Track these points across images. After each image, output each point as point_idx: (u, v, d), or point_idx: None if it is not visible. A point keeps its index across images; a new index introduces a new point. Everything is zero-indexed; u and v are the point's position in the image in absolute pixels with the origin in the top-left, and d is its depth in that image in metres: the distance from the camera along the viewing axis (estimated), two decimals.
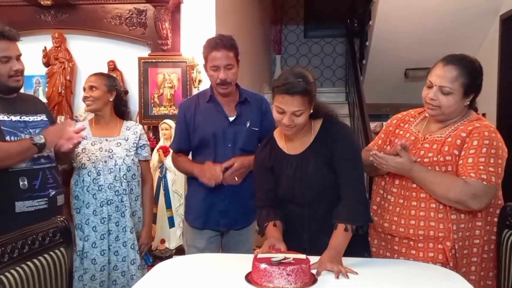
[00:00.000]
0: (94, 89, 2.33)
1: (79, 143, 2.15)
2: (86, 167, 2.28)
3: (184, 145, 2.24)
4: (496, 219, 1.72)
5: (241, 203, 2.19)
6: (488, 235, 1.72)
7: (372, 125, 4.50)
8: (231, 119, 2.17)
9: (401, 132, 1.87)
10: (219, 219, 2.19)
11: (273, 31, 7.26)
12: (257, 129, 2.20)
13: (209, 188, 2.11)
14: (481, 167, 1.60)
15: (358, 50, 6.07)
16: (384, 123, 2.13)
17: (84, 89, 2.35)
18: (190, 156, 2.29)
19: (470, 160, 1.63)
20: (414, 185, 1.72)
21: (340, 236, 1.67)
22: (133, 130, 2.43)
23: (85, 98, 2.35)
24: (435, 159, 1.68)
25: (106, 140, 2.36)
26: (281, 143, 1.85)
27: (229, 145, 2.14)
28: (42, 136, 1.99)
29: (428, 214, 1.69)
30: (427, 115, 1.83)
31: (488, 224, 1.72)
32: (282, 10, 7.35)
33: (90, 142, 2.33)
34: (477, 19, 4.09)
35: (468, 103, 1.72)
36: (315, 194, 1.77)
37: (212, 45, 2.08)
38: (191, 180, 2.27)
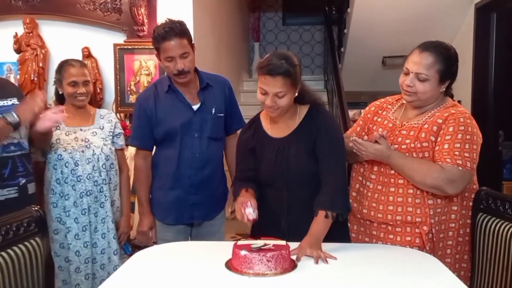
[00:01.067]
0: (87, 83, 2.26)
1: (57, 122, 2.09)
2: (63, 158, 2.22)
3: (148, 142, 2.16)
4: (471, 204, 1.77)
5: (211, 193, 2.17)
6: (463, 219, 1.77)
7: (351, 113, 4.53)
8: (195, 107, 2.10)
9: (379, 119, 1.89)
10: (192, 212, 2.15)
11: (251, 19, 7.21)
12: (222, 114, 2.16)
13: (176, 181, 2.09)
14: (457, 153, 1.64)
15: (336, 38, 6.07)
16: (362, 110, 2.17)
17: (73, 84, 2.22)
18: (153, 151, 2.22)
19: (446, 146, 1.66)
20: (393, 172, 1.75)
21: (320, 222, 1.68)
22: (107, 118, 2.38)
23: (79, 95, 2.24)
24: (412, 145, 1.72)
25: (81, 129, 2.30)
26: (265, 125, 1.85)
27: (196, 135, 2.10)
28: (14, 114, 1.92)
29: (405, 199, 1.72)
30: (404, 102, 1.85)
31: (463, 208, 1.76)
32: None
33: (64, 132, 2.27)
34: (453, 7, 4.13)
35: (444, 89, 1.75)
36: (294, 180, 1.77)
37: (163, 35, 1.97)
38: (155, 172, 2.19)
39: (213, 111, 2.12)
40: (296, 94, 1.73)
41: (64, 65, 2.27)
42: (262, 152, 1.83)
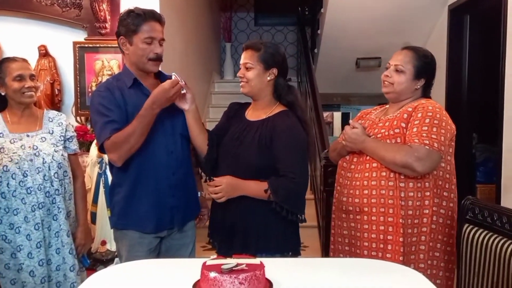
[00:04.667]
0: (34, 77, 2.08)
1: None
2: (9, 170, 2.00)
3: (124, 125, 1.86)
4: (445, 193, 1.81)
5: (188, 195, 2.03)
6: (437, 207, 1.80)
7: (324, 114, 4.47)
8: None
9: (363, 121, 2.02)
10: (172, 216, 1.96)
11: (222, 18, 7.07)
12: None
13: (153, 184, 1.90)
14: (424, 134, 1.74)
15: (309, 38, 6.01)
16: (334, 113, 2.40)
17: (18, 78, 2.03)
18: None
19: (414, 129, 1.77)
20: (368, 158, 1.85)
21: (257, 184, 1.76)
22: (57, 121, 2.17)
23: (27, 89, 2.04)
24: (386, 133, 1.83)
25: (27, 135, 2.08)
26: (249, 107, 1.99)
27: (169, 133, 1.95)
28: None
29: (379, 182, 1.80)
30: (387, 106, 1.98)
31: (436, 196, 1.80)
32: None
33: (8, 140, 2.05)
34: (426, 9, 4.12)
35: (419, 87, 1.87)
36: (238, 167, 1.82)
37: (148, 14, 1.86)
38: (122, 178, 1.96)
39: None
40: (269, 78, 1.86)
41: (4, 62, 2.09)
42: (230, 125, 1.96)
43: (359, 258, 1.80)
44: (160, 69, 2.01)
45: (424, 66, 1.86)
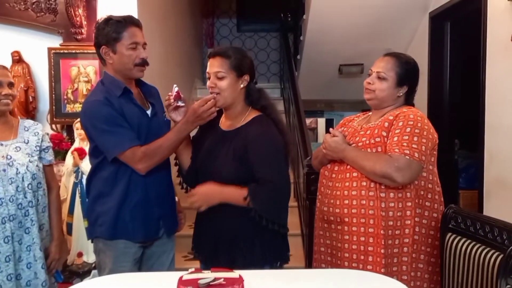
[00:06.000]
0: (12, 85, 1.99)
1: None
2: None
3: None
4: (427, 203, 1.76)
5: (173, 204, 2.02)
6: (419, 217, 1.76)
7: (307, 121, 4.44)
8: (148, 112, 1.94)
9: (345, 128, 2.00)
10: (159, 226, 1.95)
11: (205, 24, 7.02)
12: (169, 119, 1.99)
13: (141, 194, 1.87)
14: (405, 144, 1.70)
15: (292, 45, 6.00)
16: (318, 119, 2.33)
17: None
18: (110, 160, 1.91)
19: (395, 138, 1.74)
20: (349, 167, 1.81)
21: (236, 191, 1.69)
22: (33, 130, 2.08)
23: (4, 97, 1.95)
24: (367, 142, 1.80)
25: (1, 144, 1.99)
26: (223, 117, 1.91)
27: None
28: None
29: (359, 192, 1.76)
30: (370, 113, 1.95)
31: (419, 207, 1.76)
32: (214, 2, 7.13)
33: None
34: (407, 15, 4.14)
35: (401, 94, 1.85)
36: (217, 182, 1.74)
37: (129, 20, 1.83)
38: (111, 188, 1.91)
39: (164, 117, 1.99)
40: (242, 86, 1.78)
41: None
42: (205, 137, 1.89)
43: (341, 268, 1.75)
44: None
45: (406, 73, 1.84)
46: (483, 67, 2.93)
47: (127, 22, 1.83)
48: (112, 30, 1.82)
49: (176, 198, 2.13)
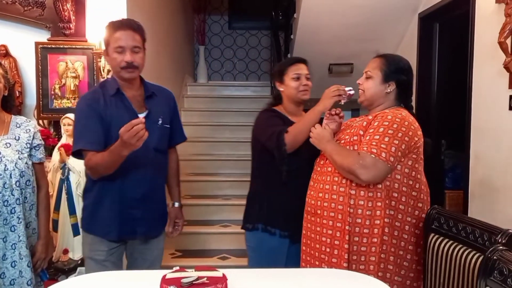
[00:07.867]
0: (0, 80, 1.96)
1: None
2: None
3: (102, 143, 1.89)
4: (401, 206, 1.76)
5: (154, 208, 2.04)
6: (390, 219, 1.74)
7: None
8: (141, 116, 1.95)
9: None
10: (135, 227, 1.99)
11: (196, 21, 6.97)
12: (168, 126, 2.05)
13: (118, 194, 1.92)
14: (374, 143, 1.73)
15: (283, 43, 5.98)
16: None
17: None
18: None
19: (367, 137, 1.78)
20: (329, 161, 1.87)
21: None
22: (24, 127, 2.06)
23: None
24: (348, 139, 1.86)
25: None
26: None
27: (141, 148, 1.86)
28: None
29: (331, 187, 1.82)
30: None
31: (391, 208, 1.75)
32: None
33: None
34: (397, 16, 4.15)
35: (390, 91, 1.87)
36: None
37: (117, 25, 1.91)
38: (92, 185, 2.00)
39: (160, 122, 2.02)
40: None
41: None
42: None
43: (314, 262, 1.84)
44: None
45: (392, 70, 1.88)
46: (470, 68, 2.95)
47: (116, 25, 1.93)
48: (106, 35, 1.94)
49: (177, 204, 2.18)
